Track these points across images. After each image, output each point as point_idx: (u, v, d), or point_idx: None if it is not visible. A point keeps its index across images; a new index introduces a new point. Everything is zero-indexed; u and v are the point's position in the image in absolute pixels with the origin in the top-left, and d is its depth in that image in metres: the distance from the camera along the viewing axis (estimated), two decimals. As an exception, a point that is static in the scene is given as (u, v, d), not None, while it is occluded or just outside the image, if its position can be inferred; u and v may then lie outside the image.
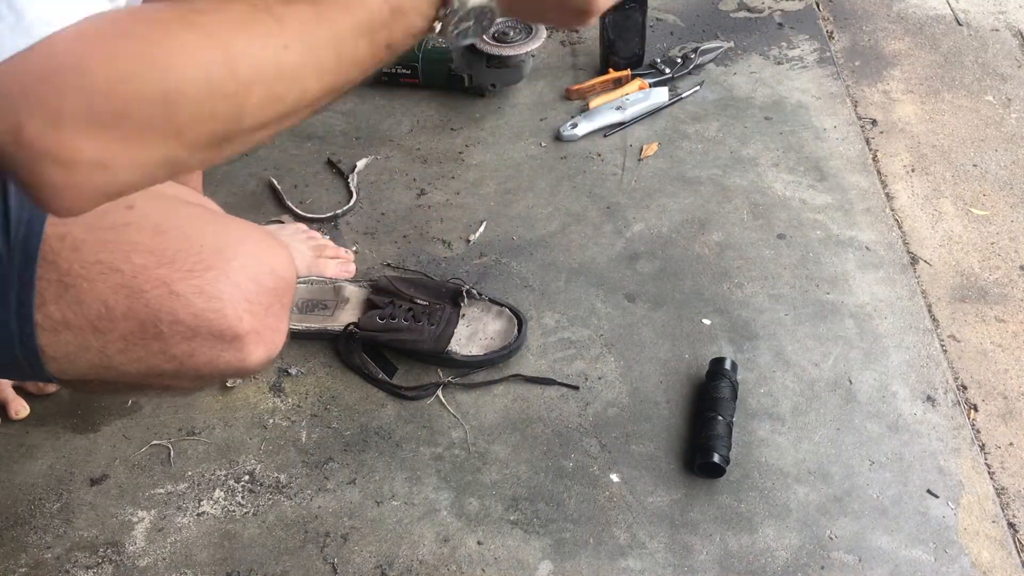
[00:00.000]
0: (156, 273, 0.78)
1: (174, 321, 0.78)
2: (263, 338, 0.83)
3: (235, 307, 0.80)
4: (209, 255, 0.80)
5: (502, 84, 1.66)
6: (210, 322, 0.79)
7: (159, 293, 0.78)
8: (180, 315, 0.78)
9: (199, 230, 0.83)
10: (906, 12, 1.92)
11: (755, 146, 1.58)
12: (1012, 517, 1.12)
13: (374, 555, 1.08)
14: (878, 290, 1.34)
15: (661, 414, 1.20)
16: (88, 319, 0.78)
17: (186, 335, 0.79)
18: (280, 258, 0.86)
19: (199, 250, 0.80)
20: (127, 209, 0.81)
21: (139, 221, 0.80)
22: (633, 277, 1.37)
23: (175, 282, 0.78)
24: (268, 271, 0.83)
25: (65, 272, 0.77)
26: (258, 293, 0.82)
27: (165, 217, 0.83)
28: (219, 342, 0.81)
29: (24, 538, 1.09)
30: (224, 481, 1.15)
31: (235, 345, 0.81)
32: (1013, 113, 1.68)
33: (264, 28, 0.57)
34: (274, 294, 0.84)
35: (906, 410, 1.20)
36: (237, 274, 0.81)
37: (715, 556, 1.06)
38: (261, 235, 0.87)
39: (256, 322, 0.82)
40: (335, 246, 1.39)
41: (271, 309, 0.84)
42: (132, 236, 0.79)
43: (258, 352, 0.83)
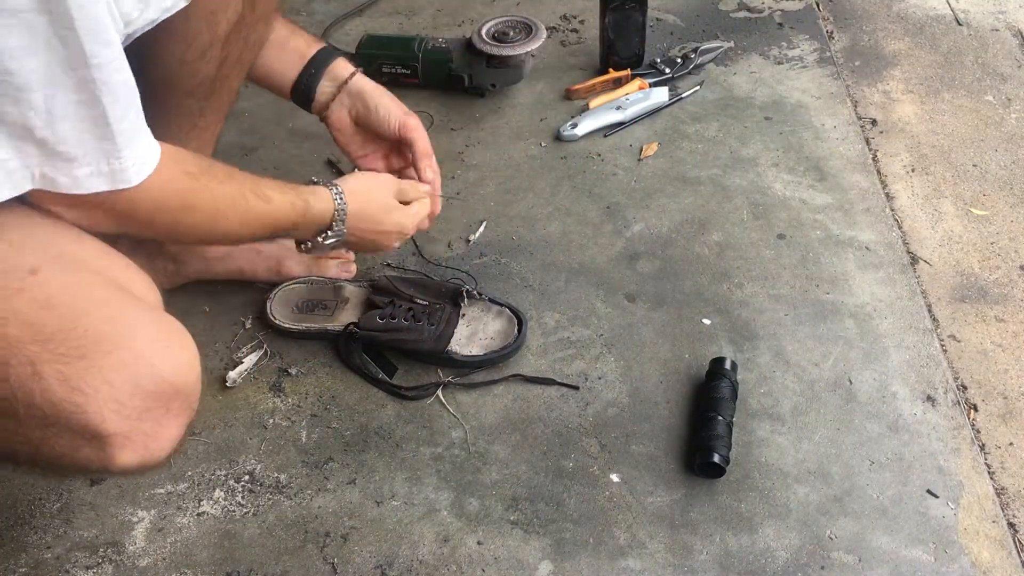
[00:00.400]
0: (26, 350, 0.74)
1: (30, 404, 0.74)
2: (133, 443, 0.78)
3: (100, 405, 0.75)
4: (89, 343, 0.75)
5: (502, 84, 1.66)
6: (68, 415, 0.74)
7: (22, 371, 0.73)
8: (37, 399, 0.74)
9: (91, 312, 0.78)
10: (906, 12, 1.92)
11: (755, 146, 1.58)
12: (1012, 517, 1.12)
13: (374, 555, 1.08)
14: (878, 290, 1.34)
15: (661, 414, 1.20)
16: None
17: (43, 421, 0.75)
18: (174, 361, 0.81)
19: (80, 335, 0.76)
20: (29, 274, 0.77)
21: (34, 290, 0.76)
22: (633, 277, 1.37)
23: (42, 363, 0.73)
24: (150, 373, 0.78)
25: None
26: (132, 395, 0.77)
27: (63, 291, 0.78)
28: (78, 437, 0.76)
29: (24, 538, 1.09)
30: (224, 481, 1.15)
31: (95, 444, 0.76)
32: (1013, 113, 1.68)
33: (242, 205, 0.98)
34: (156, 398, 0.78)
35: (906, 410, 1.20)
36: (112, 370, 0.75)
37: (715, 556, 1.06)
38: (161, 332, 0.82)
39: (125, 425, 0.76)
40: (335, 246, 1.39)
41: (148, 414, 0.78)
42: (19, 304, 0.75)
43: (126, 456, 0.78)
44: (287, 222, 1.04)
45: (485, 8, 1.92)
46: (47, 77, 0.72)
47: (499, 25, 1.62)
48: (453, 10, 1.92)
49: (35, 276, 0.77)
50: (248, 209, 0.98)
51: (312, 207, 1.06)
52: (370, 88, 1.23)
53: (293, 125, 1.65)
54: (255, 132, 1.63)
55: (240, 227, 0.98)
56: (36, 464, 0.81)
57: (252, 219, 0.99)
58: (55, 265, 0.79)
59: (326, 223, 1.08)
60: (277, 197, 1.02)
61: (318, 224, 1.08)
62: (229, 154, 1.44)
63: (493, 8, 1.92)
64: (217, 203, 0.95)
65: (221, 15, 1.06)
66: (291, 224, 1.05)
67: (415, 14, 1.91)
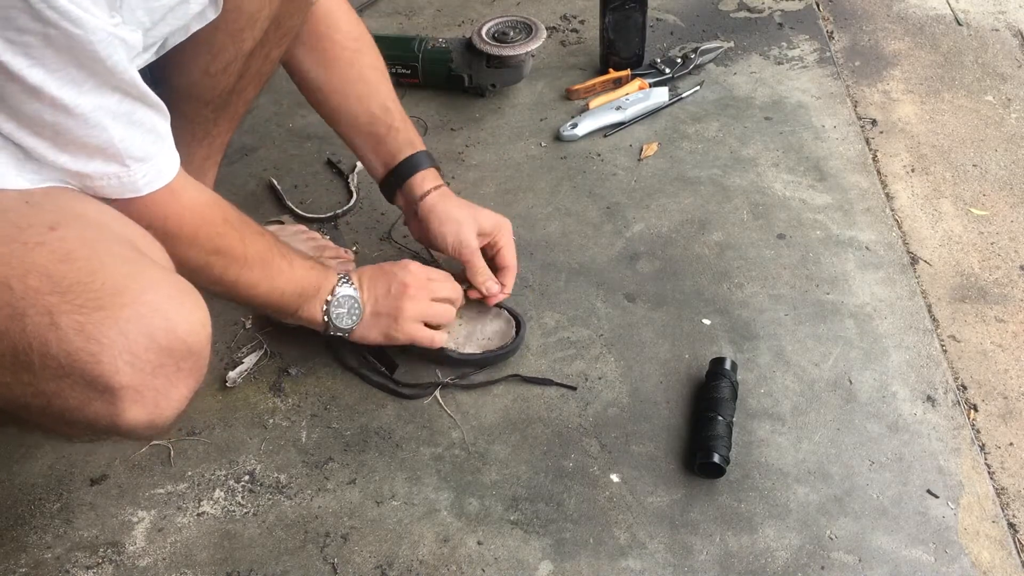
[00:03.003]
0: (44, 300, 0.74)
1: (46, 354, 0.74)
2: (143, 398, 0.78)
3: (114, 356, 0.75)
4: (106, 295, 0.76)
5: (502, 84, 1.66)
6: (83, 364, 0.74)
7: (40, 321, 0.74)
8: (53, 349, 0.74)
9: (108, 267, 0.78)
10: (906, 12, 1.92)
11: (755, 146, 1.58)
12: (1012, 517, 1.12)
13: (374, 555, 1.08)
14: (878, 290, 1.34)
15: (661, 414, 1.20)
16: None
17: (56, 372, 0.75)
18: (187, 318, 0.81)
19: (99, 287, 0.76)
20: (49, 229, 0.78)
21: (53, 243, 0.77)
22: (633, 277, 1.37)
23: (59, 314, 0.74)
24: (165, 327, 0.78)
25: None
26: (147, 348, 0.77)
27: (82, 246, 0.79)
28: (90, 389, 0.76)
29: (24, 538, 1.09)
30: (224, 481, 1.15)
31: (106, 397, 0.76)
32: (1013, 113, 1.68)
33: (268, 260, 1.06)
34: (168, 354, 0.78)
35: (906, 410, 1.20)
36: (128, 322, 0.76)
37: (715, 556, 1.06)
38: (176, 289, 0.82)
39: (137, 379, 0.77)
40: (335, 246, 1.39)
41: (160, 369, 0.78)
42: (38, 257, 0.76)
43: (134, 412, 0.78)
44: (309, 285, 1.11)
45: (485, 8, 1.92)
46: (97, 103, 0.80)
47: (499, 25, 1.62)
48: (453, 10, 1.92)
49: (55, 232, 0.78)
50: (272, 265, 1.05)
51: (327, 272, 1.14)
52: (439, 210, 1.24)
53: (293, 125, 1.65)
54: (255, 132, 1.63)
55: (262, 281, 1.05)
56: (45, 420, 0.81)
57: (274, 277, 1.06)
58: (75, 222, 0.80)
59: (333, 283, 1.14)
60: (300, 261, 1.10)
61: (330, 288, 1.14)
62: (229, 154, 1.44)
63: (493, 8, 1.92)
64: (247, 252, 1.02)
65: (248, 32, 1.08)
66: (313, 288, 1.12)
67: (415, 14, 1.91)
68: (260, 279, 1.04)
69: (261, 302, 1.08)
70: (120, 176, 0.85)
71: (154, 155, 0.88)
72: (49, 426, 0.87)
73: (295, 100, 1.69)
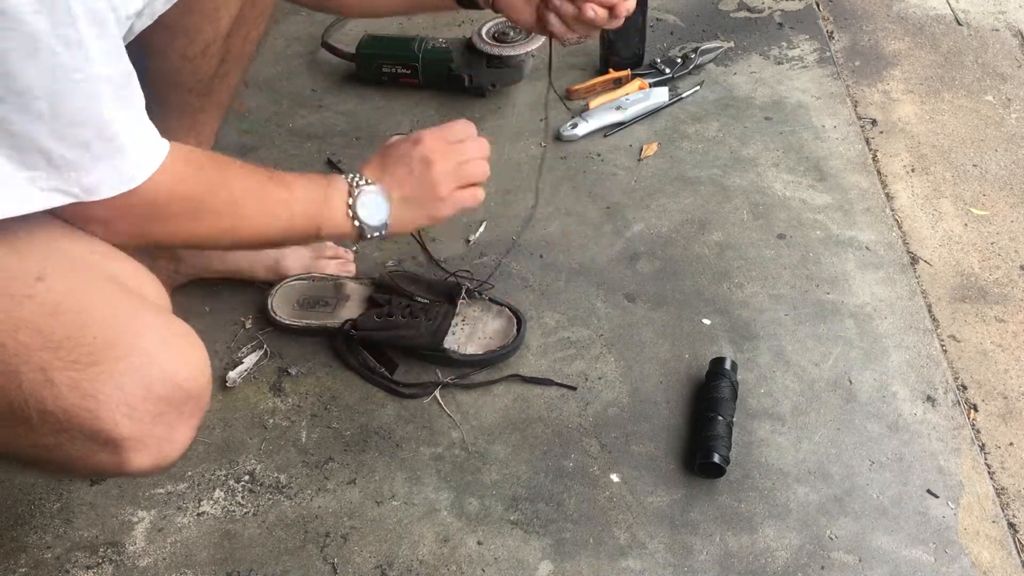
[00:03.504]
0: (37, 356, 0.74)
1: (43, 411, 0.74)
2: (147, 447, 0.78)
3: (112, 411, 0.75)
4: (99, 348, 0.75)
5: (502, 84, 1.66)
6: (82, 421, 0.74)
7: (34, 378, 0.73)
8: (49, 406, 0.74)
9: (99, 318, 0.78)
10: (906, 12, 1.92)
11: (755, 146, 1.58)
12: (1012, 517, 1.12)
13: (374, 555, 1.08)
14: (878, 290, 1.34)
15: (661, 414, 1.20)
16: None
17: (56, 428, 0.75)
18: (185, 365, 0.80)
19: (91, 341, 0.75)
20: (36, 280, 0.77)
21: (42, 295, 0.76)
22: (633, 277, 1.37)
23: (54, 371, 0.73)
24: (162, 377, 0.78)
25: None
26: (144, 399, 0.76)
27: (70, 296, 0.78)
28: (92, 442, 0.76)
29: (24, 538, 1.09)
30: (224, 481, 1.15)
31: (110, 449, 0.76)
32: (1013, 113, 1.68)
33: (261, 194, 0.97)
34: (167, 403, 0.78)
35: (906, 410, 1.20)
36: (123, 375, 0.75)
37: (715, 556, 1.06)
38: (171, 335, 0.82)
39: (137, 429, 0.76)
40: (334, 246, 1.39)
41: (161, 418, 0.78)
42: (27, 311, 0.75)
43: (140, 460, 0.78)
44: (317, 199, 1.00)
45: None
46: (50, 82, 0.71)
47: (499, 25, 1.62)
48: (453, 10, 1.92)
49: (42, 282, 0.77)
50: (267, 196, 0.96)
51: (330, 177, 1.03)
52: None
53: (293, 125, 1.65)
54: (255, 132, 1.63)
55: (262, 217, 0.96)
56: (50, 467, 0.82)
57: (273, 207, 0.96)
58: (61, 270, 0.79)
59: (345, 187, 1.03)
60: (297, 181, 1.00)
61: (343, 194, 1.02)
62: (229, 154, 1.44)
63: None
64: (234, 193, 0.92)
65: (224, 11, 1.07)
66: (322, 200, 1.00)
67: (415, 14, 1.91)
68: (259, 215, 0.95)
69: (280, 239, 1.01)
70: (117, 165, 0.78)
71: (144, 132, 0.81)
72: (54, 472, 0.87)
73: (295, 100, 1.69)
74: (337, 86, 1.72)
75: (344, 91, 1.71)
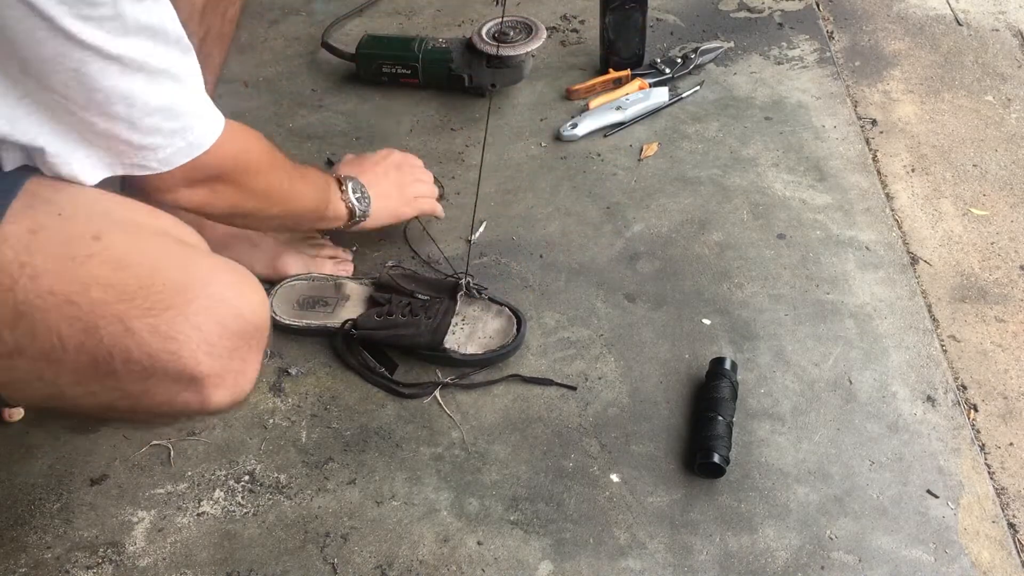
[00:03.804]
0: (113, 309, 0.77)
1: (128, 360, 0.77)
2: (225, 381, 0.82)
3: (193, 349, 0.79)
4: (170, 294, 0.79)
5: (502, 84, 1.66)
6: (165, 363, 0.78)
7: (114, 330, 0.76)
8: (134, 354, 0.77)
9: (164, 266, 0.81)
10: (906, 12, 1.92)
11: (755, 146, 1.58)
12: (1012, 517, 1.12)
13: (374, 555, 1.08)
14: (878, 290, 1.34)
15: (661, 414, 1.20)
16: (41, 350, 0.77)
17: (141, 374, 0.78)
18: (249, 300, 0.84)
19: (160, 288, 0.79)
20: (93, 240, 0.80)
21: (103, 253, 0.79)
22: (633, 277, 1.37)
23: (131, 320, 0.77)
24: (233, 314, 0.82)
25: (21, 300, 0.76)
26: (220, 336, 0.81)
27: (130, 251, 0.81)
28: (176, 383, 0.79)
29: (24, 538, 1.09)
30: (224, 481, 1.15)
31: (193, 387, 0.80)
32: (1013, 113, 1.68)
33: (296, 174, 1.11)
34: (240, 337, 0.82)
35: (906, 410, 1.20)
36: (197, 315, 0.79)
37: (715, 556, 1.06)
38: (231, 275, 0.85)
39: (217, 365, 0.80)
40: (333, 245, 1.39)
41: (236, 352, 0.82)
42: (93, 269, 0.78)
43: (220, 395, 0.82)
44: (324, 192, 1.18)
45: (485, 8, 1.92)
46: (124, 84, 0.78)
47: (499, 25, 1.62)
48: (453, 10, 1.92)
49: (100, 241, 0.80)
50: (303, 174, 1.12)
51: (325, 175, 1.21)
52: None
53: (293, 125, 1.65)
54: (255, 132, 1.63)
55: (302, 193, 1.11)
56: (135, 417, 0.86)
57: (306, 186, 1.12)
58: (114, 228, 0.83)
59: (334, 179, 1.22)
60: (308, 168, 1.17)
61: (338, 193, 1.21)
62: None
63: (493, 8, 1.92)
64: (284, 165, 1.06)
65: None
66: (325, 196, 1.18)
67: (415, 14, 1.91)
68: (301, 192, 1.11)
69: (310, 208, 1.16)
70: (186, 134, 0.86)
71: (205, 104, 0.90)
72: (137, 420, 0.94)
73: (295, 100, 1.69)
74: (337, 86, 1.72)
75: (344, 91, 1.71)
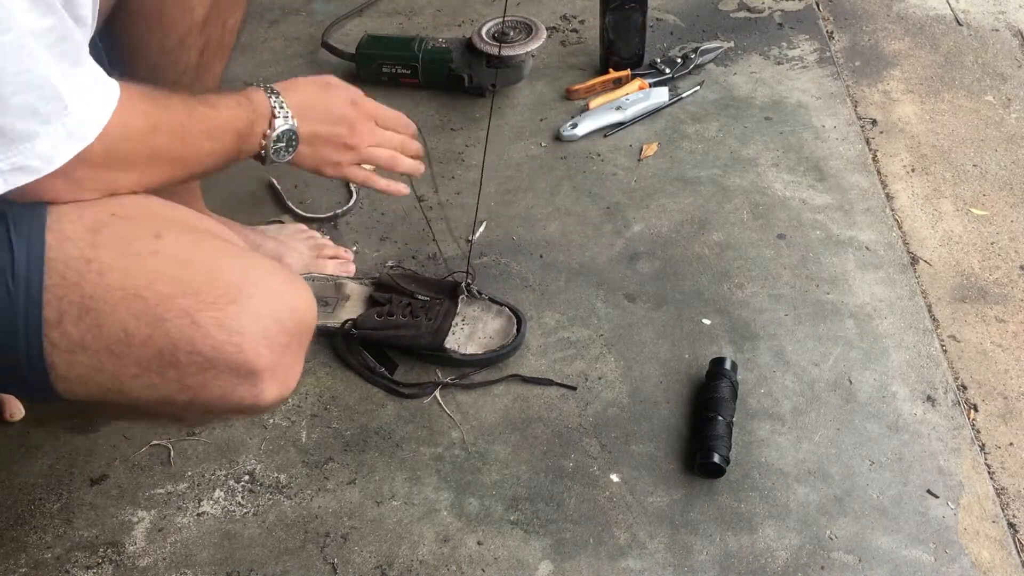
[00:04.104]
0: (179, 303, 0.79)
1: (192, 351, 0.79)
2: (278, 376, 0.84)
3: (254, 342, 0.81)
4: (232, 290, 0.81)
5: (502, 84, 1.66)
6: (228, 355, 0.80)
7: (181, 323, 0.79)
8: (199, 346, 0.79)
9: (224, 265, 0.84)
10: (906, 12, 1.92)
11: (755, 146, 1.58)
12: (1012, 517, 1.12)
13: (374, 555, 1.08)
14: (878, 290, 1.34)
15: (661, 414, 1.20)
16: (106, 343, 0.79)
17: (202, 366, 0.80)
18: (301, 299, 0.87)
19: (223, 284, 0.81)
20: (155, 238, 0.82)
21: (166, 251, 0.81)
22: (633, 277, 1.37)
23: (197, 313, 0.79)
24: (289, 310, 0.85)
25: (88, 295, 0.78)
26: (278, 331, 0.83)
27: (191, 249, 0.84)
28: (234, 376, 0.81)
29: (24, 538, 1.09)
30: (224, 481, 1.15)
31: (250, 380, 0.82)
32: (1013, 113, 1.68)
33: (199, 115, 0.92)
34: (293, 333, 0.85)
35: (906, 410, 1.20)
36: (258, 310, 0.82)
37: (715, 556, 1.06)
38: (284, 274, 0.88)
39: (274, 359, 0.83)
40: (334, 246, 1.39)
41: (289, 348, 0.85)
42: (158, 265, 0.80)
43: (272, 390, 0.84)
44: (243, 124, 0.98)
45: (485, 8, 1.92)
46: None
47: (499, 25, 1.62)
48: (453, 10, 1.92)
49: (162, 239, 0.82)
50: (203, 117, 0.94)
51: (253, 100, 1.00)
52: None
53: (293, 125, 1.64)
54: (255, 132, 1.63)
55: (207, 141, 0.94)
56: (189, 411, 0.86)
57: (211, 128, 0.95)
58: (173, 227, 0.85)
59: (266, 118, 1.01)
60: (221, 101, 0.98)
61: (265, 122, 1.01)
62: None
63: (493, 8, 1.92)
64: (177, 118, 0.90)
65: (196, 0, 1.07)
66: (247, 126, 0.99)
67: (415, 14, 1.91)
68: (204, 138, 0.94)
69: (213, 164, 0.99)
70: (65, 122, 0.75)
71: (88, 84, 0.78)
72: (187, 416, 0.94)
73: (295, 100, 1.69)
74: (337, 86, 1.72)
75: (344, 91, 1.70)
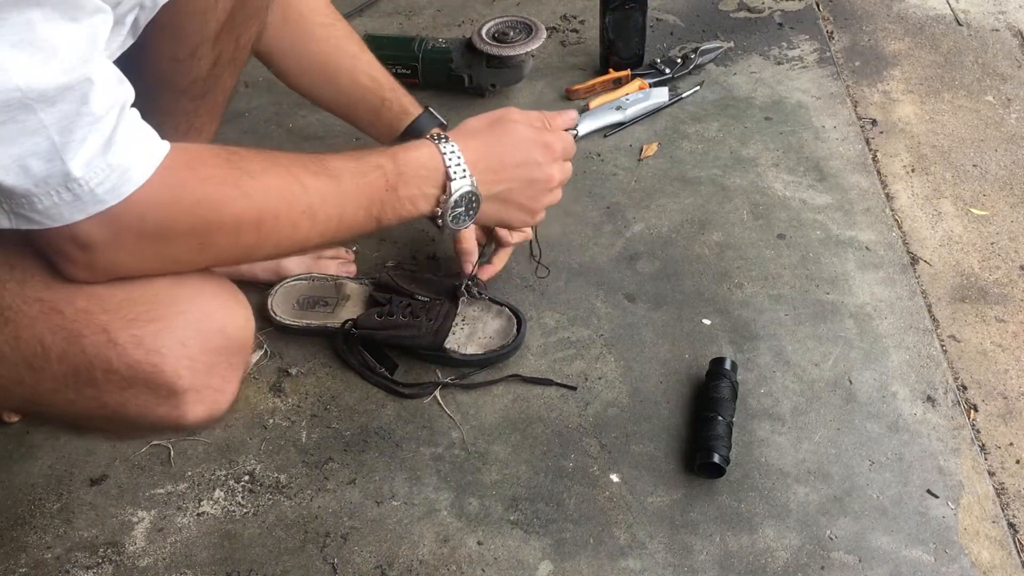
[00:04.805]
0: (97, 319, 0.76)
1: (108, 370, 0.77)
2: (203, 397, 0.81)
3: (174, 363, 0.78)
4: (157, 306, 0.79)
5: (502, 84, 1.66)
6: (146, 375, 0.77)
7: (97, 340, 0.76)
8: (115, 364, 0.77)
9: (152, 281, 0.80)
10: (906, 12, 1.92)
11: (755, 146, 1.58)
12: (1012, 517, 1.12)
13: (374, 555, 1.08)
14: (878, 290, 1.34)
15: (661, 414, 1.20)
16: (24, 355, 0.76)
17: (120, 385, 0.78)
18: (234, 316, 0.84)
19: (147, 300, 0.79)
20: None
21: None
22: (633, 277, 1.37)
23: (115, 331, 0.76)
24: (217, 329, 0.81)
25: (7, 306, 0.75)
26: (202, 351, 0.80)
27: None
28: (154, 396, 0.79)
29: (24, 538, 1.09)
30: (224, 481, 1.15)
31: (171, 401, 0.80)
32: (1013, 113, 1.68)
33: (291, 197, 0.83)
34: (221, 353, 0.82)
35: (906, 410, 1.20)
36: (183, 329, 0.79)
37: (715, 556, 1.06)
38: (218, 290, 0.84)
39: (196, 381, 0.80)
40: (335, 246, 1.39)
41: (215, 369, 0.81)
42: None
43: (196, 411, 0.81)
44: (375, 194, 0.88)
45: (485, 8, 1.92)
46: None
47: (499, 25, 1.62)
48: (453, 10, 1.92)
49: None
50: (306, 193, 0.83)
51: (407, 157, 0.89)
52: None
53: (293, 125, 1.65)
54: (255, 132, 1.63)
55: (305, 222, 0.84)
56: (110, 427, 0.85)
57: (319, 206, 0.84)
58: None
59: (437, 178, 0.91)
60: (351, 166, 0.87)
61: (423, 184, 0.91)
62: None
63: (493, 8, 1.92)
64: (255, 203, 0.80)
65: (211, 14, 1.07)
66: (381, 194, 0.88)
67: (415, 14, 1.91)
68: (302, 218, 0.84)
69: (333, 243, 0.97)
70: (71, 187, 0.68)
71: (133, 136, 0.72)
72: (111, 431, 0.91)
73: (295, 100, 1.68)
74: (337, 86, 1.71)
75: (344, 91, 1.70)
